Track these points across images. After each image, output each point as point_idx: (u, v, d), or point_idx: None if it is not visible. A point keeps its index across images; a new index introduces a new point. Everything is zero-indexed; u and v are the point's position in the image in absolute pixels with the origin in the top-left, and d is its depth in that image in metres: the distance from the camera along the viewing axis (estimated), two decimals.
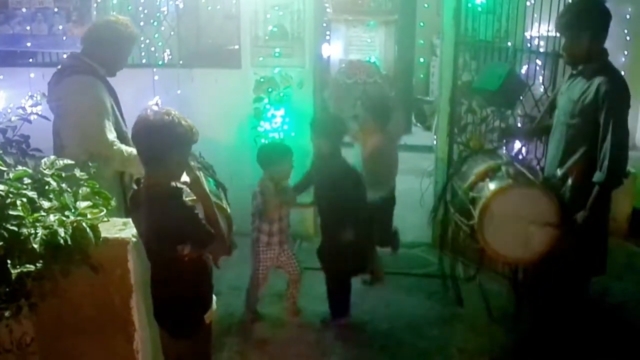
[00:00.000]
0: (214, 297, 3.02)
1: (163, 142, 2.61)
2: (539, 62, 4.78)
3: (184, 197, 2.73)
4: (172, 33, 5.67)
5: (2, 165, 2.70)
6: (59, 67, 3.81)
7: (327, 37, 9.34)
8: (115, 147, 3.62)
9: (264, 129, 5.50)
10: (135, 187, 2.79)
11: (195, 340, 2.92)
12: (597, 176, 3.38)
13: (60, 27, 5.49)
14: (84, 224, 2.58)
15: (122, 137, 3.75)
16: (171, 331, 2.90)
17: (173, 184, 2.70)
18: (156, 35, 5.58)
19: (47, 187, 2.67)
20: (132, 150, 3.68)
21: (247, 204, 4.86)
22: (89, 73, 3.69)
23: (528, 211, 3.59)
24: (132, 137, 2.73)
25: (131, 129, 2.70)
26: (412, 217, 5.98)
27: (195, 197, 2.79)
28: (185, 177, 2.78)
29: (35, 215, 2.50)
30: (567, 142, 3.58)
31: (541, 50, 4.82)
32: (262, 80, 5.43)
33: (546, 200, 3.56)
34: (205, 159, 4.25)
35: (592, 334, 3.61)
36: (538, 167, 4.35)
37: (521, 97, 4.62)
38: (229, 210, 3.85)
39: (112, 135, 3.64)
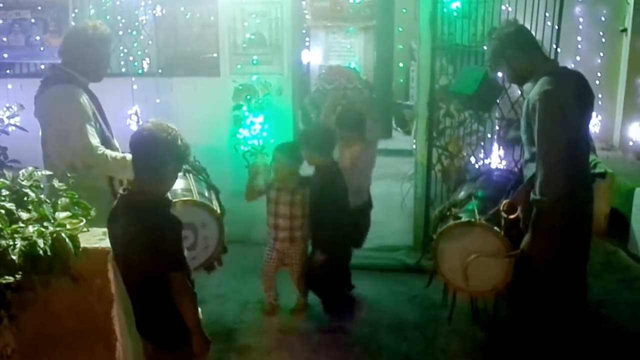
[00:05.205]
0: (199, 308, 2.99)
1: (163, 156, 2.65)
2: None
3: (171, 210, 2.74)
4: (150, 42, 5.68)
5: None
6: (42, 79, 3.81)
7: (307, 44, 9.39)
8: (99, 152, 3.62)
9: (243, 136, 5.52)
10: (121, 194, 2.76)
11: (181, 351, 2.88)
12: (531, 196, 3.33)
13: (38, 37, 5.48)
14: (63, 234, 2.58)
15: (107, 144, 3.76)
16: (155, 343, 2.84)
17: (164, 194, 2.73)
18: (135, 45, 5.58)
19: (25, 199, 2.67)
20: (117, 154, 3.69)
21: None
22: (69, 81, 3.69)
23: (476, 247, 3.73)
24: (131, 145, 2.73)
25: (131, 137, 2.71)
26: (393, 221, 6.03)
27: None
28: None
29: (14, 226, 2.50)
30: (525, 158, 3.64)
31: None
32: (240, 87, 5.46)
33: (490, 235, 3.68)
34: (199, 163, 4.24)
35: (571, 332, 3.65)
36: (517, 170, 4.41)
37: (498, 100, 4.68)
38: (219, 211, 3.84)
39: (95, 140, 3.64)
